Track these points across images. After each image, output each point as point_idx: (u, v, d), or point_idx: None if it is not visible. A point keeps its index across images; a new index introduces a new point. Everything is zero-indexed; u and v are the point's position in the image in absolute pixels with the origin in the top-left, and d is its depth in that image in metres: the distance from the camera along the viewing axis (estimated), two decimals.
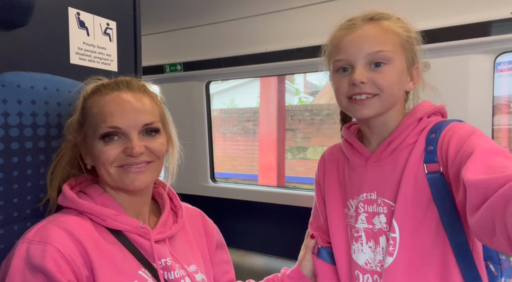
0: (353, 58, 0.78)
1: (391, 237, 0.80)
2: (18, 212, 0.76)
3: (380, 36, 0.78)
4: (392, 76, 0.78)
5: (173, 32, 2.70)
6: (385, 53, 0.77)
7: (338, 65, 0.81)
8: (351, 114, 0.85)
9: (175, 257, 0.78)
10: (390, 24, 0.79)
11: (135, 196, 0.77)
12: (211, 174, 2.84)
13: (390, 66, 0.78)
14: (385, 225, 0.82)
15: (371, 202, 0.85)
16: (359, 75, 0.77)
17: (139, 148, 0.70)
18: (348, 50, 0.79)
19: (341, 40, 0.81)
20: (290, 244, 2.53)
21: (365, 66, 0.78)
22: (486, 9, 1.62)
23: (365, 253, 0.86)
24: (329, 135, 5.53)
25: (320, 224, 1.00)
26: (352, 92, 0.79)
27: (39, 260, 0.61)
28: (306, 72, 2.45)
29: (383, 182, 0.83)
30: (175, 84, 2.78)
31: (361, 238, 0.86)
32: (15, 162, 0.74)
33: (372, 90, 0.78)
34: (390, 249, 0.81)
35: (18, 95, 0.74)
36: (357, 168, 0.88)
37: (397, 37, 0.79)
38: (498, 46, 1.69)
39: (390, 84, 0.78)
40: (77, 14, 0.96)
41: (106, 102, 0.72)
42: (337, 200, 0.93)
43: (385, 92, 0.78)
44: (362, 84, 0.77)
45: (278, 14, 2.30)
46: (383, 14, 0.81)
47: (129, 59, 1.11)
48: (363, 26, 0.79)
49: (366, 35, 0.78)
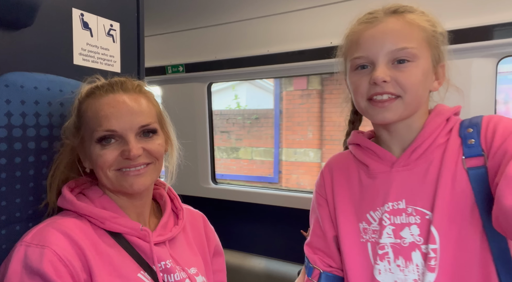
0: (375, 55, 0.71)
1: (431, 250, 0.70)
2: (20, 212, 0.76)
3: (404, 30, 0.70)
4: (416, 75, 0.70)
5: (176, 34, 2.71)
6: (410, 50, 0.69)
7: (357, 63, 0.73)
8: (370, 117, 0.77)
9: (175, 260, 0.77)
10: (415, 18, 0.72)
11: (135, 198, 0.77)
12: (212, 176, 2.83)
13: (415, 64, 0.70)
14: (418, 238, 0.73)
15: (399, 212, 0.75)
16: (381, 73, 0.69)
17: (137, 150, 0.70)
18: (369, 46, 0.71)
19: (360, 35, 0.73)
20: (290, 247, 2.53)
21: (387, 63, 0.70)
22: (489, 13, 1.62)
23: (393, 272, 0.74)
24: (257, 137, 5.84)
25: (323, 245, 0.87)
26: (373, 92, 0.71)
27: (37, 263, 0.61)
28: (308, 74, 2.45)
29: (413, 187, 0.74)
30: (177, 85, 2.78)
31: (388, 255, 0.75)
32: (18, 162, 0.74)
33: (394, 90, 0.70)
34: (431, 264, 0.70)
35: (21, 95, 0.75)
36: (380, 175, 0.79)
37: (423, 32, 0.71)
38: (501, 50, 1.69)
39: (414, 84, 0.70)
40: (81, 15, 0.96)
41: (101, 105, 0.71)
42: (350, 214, 0.82)
43: (409, 93, 0.70)
44: (384, 84, 0.70)
45: (280, 17, 2.31)
46: (407, 7, 0.73)
47: (132, 60, 1.11)
48: (386, 20, 0.72)
49: (389, 29, 0.71)
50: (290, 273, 2.46)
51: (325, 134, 5.00)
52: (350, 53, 0.76)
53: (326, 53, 2.35)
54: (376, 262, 0.77)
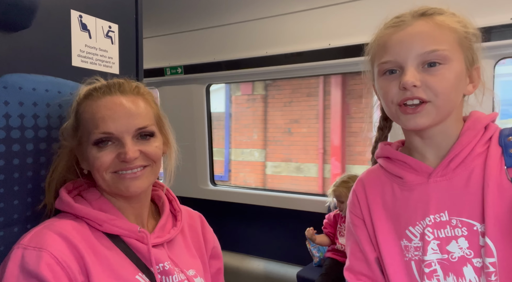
0: (403, 59, 0.68)
1: (489, 264, 0.66)
2: (18, 214, 0.76)
3: (434, 33, 0.68)
4: (449, 79, 0.67)
5: (174, 35, 2.71)
6: (441, 52, 0.66)
7: (385, 68, 0.71)
8: (401, 124, 0.73)
9: (173, 261, 0.77)
10: (445, 19, 0.69)
11: (132, 200, 0.76)
12: (211, 177, 2.83)
13: (447, 67, 0.67)
14: (468, 251, 0.68)
15: (443, 225, 0.71)
16: (411, 78, 0.66)
17: (133, 153, 0.69)
18: (397, 50, 0.69)
19: (388, 40, 0.71)
20: (289, 248, 2.53)
21: (417, 67, 0.68)
22: (487, 15, 1.63)
23: None
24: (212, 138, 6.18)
25: (365, 269, 0.82)
26: (403, 97, 0.68)
27: (34, 266, 0.60)
28: (307, 76, 2.45)
29: (455, 198, 0.71)
30: (176, 87, 2.78)
31: (436, 272, 0.71)
32: (16, 164, 0.74)
33: (425, 95, 0.67)
34: (491, 279, 0.66)
35: (20, 97, 0.74)
36: (417, 187, 0.74)
37: (454, 34, 0.69)
38: (498, 52, 1.70)
39: (446, 88, 0.67)
40: (79, 17, 0.96)
41: (98, 107, 0.70)
42: (390, 232, 0.77)
43: (440, 97, 0.67)
44: (414, 88, 0.67)
45: (279, 18, 2.31)
46: (436, 8, 0.71)
47: (130, 62, 1.11)
48: (414, 23, 0.69)
49: (418, 32, 0.68)
50: (289, 274, 2.46)
51: (269, 135, 5.27)
52: (378, 58, 0.73)
53: (324, 55, 2.36)
54: (423, 281, 0.72)
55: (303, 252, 2.28)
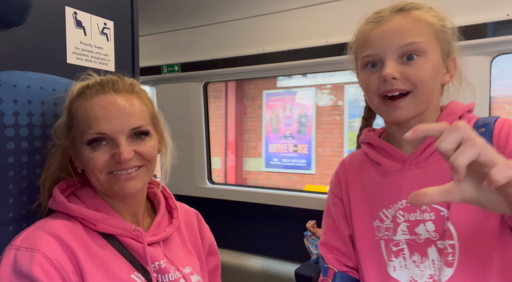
0: (383, 53, 0.72)
1: (448, 245, 0.71)
2: (13, 212, 0.75)
3: (411, 27, 0.72)
4: (426, 70, 0.71)
5: (171, 33, 2.70)
6: (418, 45, 0.70)
7: (367, 61, 0.75)
8: (383, 116, 0.79)
9: (169, 259, 0.76)
10: (422, 14, 0.73)
11: (127, 199, 0.76)
12: (208, 175, 2.83)
13: (424, 59, 0.71)
14: (434, 234, 0.74)
15: (413, 209, 0.76)
16: (390, 70, 0.70)
17: (127, 153, 0.68)
18: (377, 44, 0.73)
19: (368, 35, 0.75)
20: (287, 246, 2.53)
21: (396, 60, 0.72)
22: (483, 11, 1.63)
23: (409, 268, 0.75)
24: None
25: (339, 243, 0.88)
26: (383, 90, 0.72)
27: (27, 267, 0.60)
28: (304, 73, 2.45)
29: (426, 185, 0.73)
30: (173, 85, 2.77)
31: (403, 251, 0.76)
32: (11, 162, 0.74)
33: (404, 86, 0.71)
34: (449, 259, 0.71)
35: (14, 94, 0.74)
36: (392, 173, 0.79)
37: (430, 27, 0.72)
38: (495, 48, 1.70)
39: (424, 79, 0.71)
40: (74, 13, 0.95)
41: (91, 106, 0.69)
42: (364, 213, 0.83)
43: (420, 88, 0.71)
44: (394, 80, 0.70)
45: (276, 15, 2.31)
46: (413, 4, 0.75)
47: (126, 59, 1.10)
48: (392, 18, 0.73)
49: (396, 27, 0.72)
50: (287, 272, 2.46)
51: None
52: (360, 52, 0.77)
53: (322, 52, 2.35)
54: (390, 259, 0.77)
55: (301, 249, 2.28)
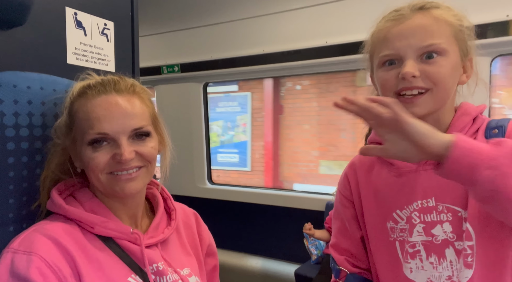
0: (404, 51, 0.71)
1: (467, 246, 0.71)
2: (13, 213, 0.75)
3: (432, 26, 0.71)
4: (446, 68, 0.71)
5: (171, 33, 2.70)
6: (438, 46, 0.70)
7: (384, 60, 0.74)
8: None
9: (167, 261, 0.76)
10: (442, 13, 0.73)
11: (127, 200, 0.76)
12: (208, 176, 2.83)
13: (444, 58, 0.71)
14: (451, 235, 0.73)
15: (429, 210, 0.75)
16: (410, 68, 0.69)
17: (129, 154, 0.68)
18: (396, 43, 0.72)
19: (388, 33, 0.74)
20: (287, 246, 2.53)
21: (416, 59, 0.71)
22: (483, 12, 1.63)
23: (426, 270, 0.75)
24: None
25: (350, 245, 0.87)
26: (401, 87, 0.72)
27: (24, 270, 0.60)
28: (304, 74, 2.45)
29: (442, 186, 0.74)
30: (173, 85, 2.77)
31: (420, 253, 0.76)
32: (11, 163, 0.74)
33: (425, 84, 0.71)
34: (468, 260, 0.71)
35: (14, 95, 0.74)
36: (406, 173, 0.78)
37: (450, 27, 0.73)
38: (494, 49, 1.70)
39: (444, 77, 0.71)
40: (75, 14, 0.95)
41: (93, 106, 0.69)
42: (377, 214, 0.82)
43: (439, 86, 0.71)
44: (413, 78, 0.70)
45: (276, 16, 2.31)
46: (433, 2, 0.75)
47: (126, 60, 1.10)
48: (413, 16, 0.72)
49: (416, 25, 0.72)
50: (287, 272, 2.46)
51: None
52: (378, 51, 0.76)
53: (322, 53, 2.35)
54: (406, 260, 0.77)
55: (301, 249, 2.28)
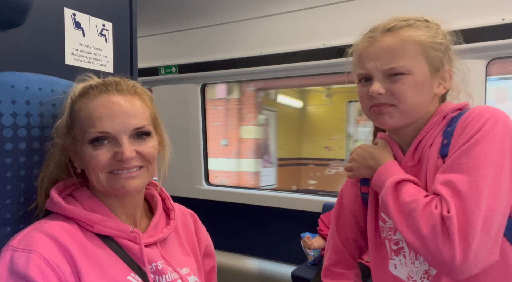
0: (372, 71, 0.80)
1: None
2: (11, 213, 0.75)
3: (397, 49, 0.78)
4: (409, 87, 0.77)
5: (169, 35, 2.70)
6: (399, 68, 0.77)
7: (360, 77, 0.84)
8: (375, 123, 0.87)
9: (166, 260, 0.77)
10: (411, 34, 0.78)
11: (126, 200, 0.76)
12: (205, 177, 2.83)
13: (409, 77, 0.77)
14: None
15: None
16: (375, 87, 0.78)
17: (130, 152, 0.69)
18: (366, 64, 0.81)
19: (361, 53, 0.83)
20: (284, 248, 2.53)
21: (383, 77, 0.79)
22: (479, 15, 1.65)
23: (407, 266, 0.81)
24: None
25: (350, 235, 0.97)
26: (371, 104, 0.81)
27: (23, 268, 0.60)
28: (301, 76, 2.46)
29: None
30: (170, 86, 2.77)
31: (403, 249, 0.81)
32: (9, 163, 0.74)
33: (389, 100, 0.78)
34: None
35: (12, 95, 0.74)
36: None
37: (417, 46, 0.78)
38: (490, 52, 1.72)
39: (407, 94, 0.77)
40: (73, 15, 0.95)
41: (95, 105, 0.70)
42: (370, 215, 0.89)
43: (403, 103, 0.78)
44: (380, 96, 0.78)
45: (274, 18, 2.32)
46: (405, 21, 0.80)
47: (124, 60, 1.10)
48: (381, 39, 0.80)
49: (383, 49, 0.79)
50: (284, 273, 2.46)
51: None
52: (356, 67, 0.86)
53: (319, 55, 2.36)
54: (391, 257, 0.83)
55: (298, 251, 2.29)
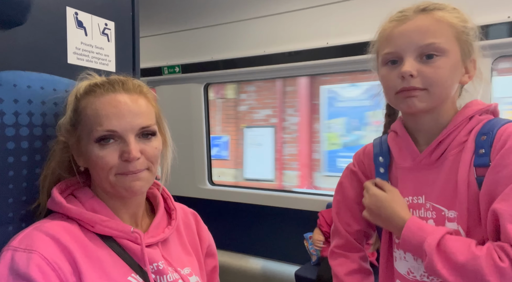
0: (403, 50, 0.75)
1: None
2: (13, 212, 0.75)
3: (432, 27, 0.74)
4: (444, 70, 0.74)
5: (172, 34, 2.70)
6: (438, 45, 0.73)
7: (387, 58, 0.78)
8: (399, 108, 0.82)
9: (168, 261, 0.76)
10: (445, 15, 0.75)
11: (128, 200, 0.76)
12: (209, 177, 2.83)
13: (443, 59, 0.74)
14: None
15: (419, 207, 0.80)
16: (408, 67, 0.73)
17: (136, 152, 0.69)
18: (398, 42, 0.76)
19: (391, 32, 0.78)
20: (287, 247, 2.53)
21: (416, 58, 0.74)
22: (484, 13, 1.63)
23: (407, 261, 0.80)
24: None
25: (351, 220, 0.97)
26: (400, 87, 0.75)
27: (24, 268, 0.60)
28: (305, 75, 2.45)
29: (432, 185, 0.79)
30: (174, 86, 2.78)
31: None
32: (11, 162, 0.74)
33: (421, 84, 0.74)
34: None
35: (14, 94, 0.74)
36: (403, 169, 0.83)
37: (452, 28, 0.75)
38: (496, 50, 1.70)
39: (441, 78, 0.74)
40: (75, 13, 0.95)
41: (102, 104, 0.70)
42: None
43: (435, 86, 0.74)
44: (411, 78, 0.73)
45: (277, 17, 2.31)
46: (437, 4, 0.77)
47: (127, 60, 1.10)
48: (415, 17, 0.76)
49: (417, 26, 0.75)
50: (287, 273, 2.46)
51: None
52: (381, 49, 0.80)
53: (323, 54, 2.35)
54: (393, 250, 0.84)
55: (301, 251, 2.28)
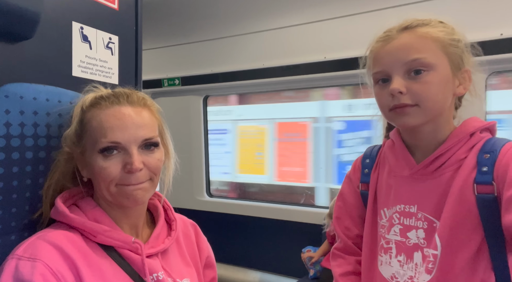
0: (390, 68, 0.76)
1: (431, 254, 0.77)
2: (16, 221, 0.76)
3: (416, 44, 0.75)
4: (433, 84, 0.74)
5: (172, 47, 2.74)
6: (423, 60, 0.74)
7: (377, 77, 0.80)
8: (395, 124, 0.83)
9: (167, 271, 0.77)
10: (428, 30, 0.76)
11: (129, 211, 0.77)
12: (207, 188, 2.83)
13: (432, 73, 0.74)
14: (423, 241, 0.79)
15: (410, 215, 0.81)
16: (395, 85, 0.74)
17: (138, 163, 0.71)
18: (384, 61, 0.78)
19: (377, 52, 0.80)
20: (285, 260, 2.51)
21: (403, 75, 0.75)
22: (478, 30, 1.68)
23: (392, 266, 0.82)
24: None
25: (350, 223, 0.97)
26: (392, 104, 0.76)
27: (28, 276, 0.61)
28: (303, 88, 2.49)
29: (426, 196, 0.80)
30: (173, 98, 2.80)
31: (391, 250, 0.83)
32: (15, 172, 0.75)
33: (411, 101, 0.74)
34: (429, 266, 0.77)
35: (20, 106, 0.76)
36: (398, 178, 0.85)
37: (437, 42, 0.75)
38: (490, 66, 1.74)
39: (431, 93, 0.74)
40: (81, 28, 0.98)
41: (107, 116, 0.72)
42: (371, 208, 0.89)
43: (426, 102, 0.74)
44: (401, 95, 0.74)
45: (276, 32, 2.35)
46: (420, 20, 0.78)
47: (130, 72, 1.13)
48: (398, 36, 0.77)
49: (401, 44, 0.76)
50: None
51: None
52: (371, 69, 0.83)
53: (320, 68, 2.39)
54: (380, 254, 0.85)
55: (300, 263, 2.27)
